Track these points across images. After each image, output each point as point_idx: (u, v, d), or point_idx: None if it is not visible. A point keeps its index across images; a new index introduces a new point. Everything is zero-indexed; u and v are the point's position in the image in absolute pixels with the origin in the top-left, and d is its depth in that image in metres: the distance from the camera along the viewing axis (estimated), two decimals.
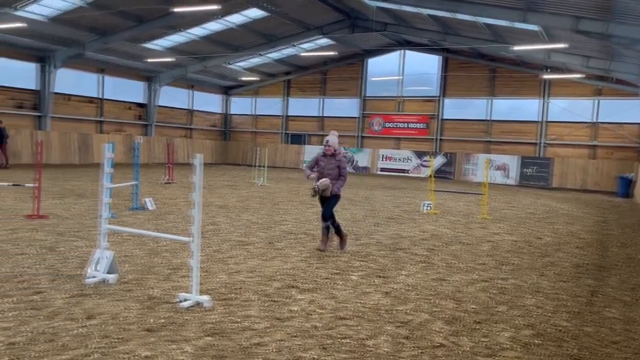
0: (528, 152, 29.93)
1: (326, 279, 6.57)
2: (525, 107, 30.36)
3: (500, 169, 29.46)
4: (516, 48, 22.50)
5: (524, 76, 29.60)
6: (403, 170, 32.24)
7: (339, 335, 4.62)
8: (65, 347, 4.06)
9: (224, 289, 5.88)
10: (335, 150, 8.23)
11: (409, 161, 32.32)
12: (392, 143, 33.88)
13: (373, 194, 18.79)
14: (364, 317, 5.14)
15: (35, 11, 21.47)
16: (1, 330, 4.32)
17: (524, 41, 22.16)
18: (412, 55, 32.68)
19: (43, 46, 24.98)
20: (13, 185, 12.11)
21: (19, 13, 21.04)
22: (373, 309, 5.41)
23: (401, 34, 28.66)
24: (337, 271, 6.98)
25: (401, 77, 33.26)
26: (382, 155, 33.25)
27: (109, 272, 5.97)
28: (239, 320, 4.89)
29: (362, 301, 5.67)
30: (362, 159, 33.77)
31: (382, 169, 32.97)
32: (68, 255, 7.08)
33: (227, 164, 35.81)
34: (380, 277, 6.79)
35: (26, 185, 11.59)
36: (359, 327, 4.85)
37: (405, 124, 33.41)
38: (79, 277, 6.01)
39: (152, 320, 4.75)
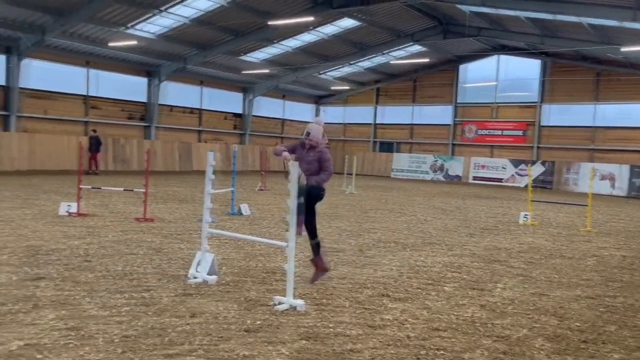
0: (639, 161, 27.62)
1: (418, 289, 6.48)
2: (635, 113, 28.12)
3: (606, 178, 27.45)
4: (625, 49, 20.93)
5: (634, 79, 27.44)
6: (498, 179, 31.02)
7: (433, 347, 4.54)
8: (172, 342, 4.34)
9: (316, 294, 5.98)
10: (317, 144, 6.65)
11: (504, 170, 31.05)
12: (486, 151, 32.76)
13: (465, 204, 18.25)
14: (459, 330, 5.01)
15: (145, 29, 23.23)
16: (116, 324, 4.69)
17: (634, 42, 20.56)
18: (508, 60, 31.47)
19: (151, 61, 26.95)
20: (124, 190, 13.12)
21: (131, 32, 22.88)
22: (468, 322, 5.26)
23: (496, 39, 27.70)
24: (430, 281, 6.86)
25: (496, 83, 32.12)
26: (476, 163, 32.22)
27: (209, 274, 6.29)
28: (332, 325, 4.95)
29: (456, 313, 5.53)
30: (454, 167, 32.94)
31: (475, 178, 31.95)
32: (172, 257, 7.55)
33: None
34: (475, 289, 6.58)
35: (135, 190, 12.52)
36: (453, 340, 4.74)
37: (500, 131, 32.18)
38: (182, 277, 6.39)
39: (249, 322, 4.94)
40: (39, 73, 23.89)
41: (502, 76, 31.94)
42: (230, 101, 33.42)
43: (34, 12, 20.28)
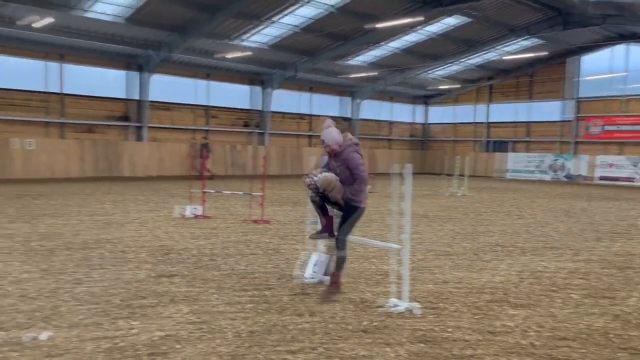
0: None
1: (541, 295, 6.15)
2: None
3: None
4: None
5: None
6: (628, 179, 28.38)
7: (561, 357, 4.30)
8: (294, 339, 4.54)
9: (432, 298, 5.92)
10: (339, 147, 5.88)
11: (636, 168, 28.32)
12: (613, 148, 30.12)
13: (591, 205, 16.93)
14: (590, 340, 4.69)
15: (257, 40, 24.39)
16: (242, 320, 5.01)
17: None
18: (638, 49, 28.66)
19: (263, 70, 28.22)
20: (243, 193, 13.89)
21: (245, 43, 24.18)
22: (600, 332, 4.90)
23: (624, 26, 25.38)
24: (554, 288, 6.49)
25: (625, 74, 29.41)
26: (602, 162, 29.74)
27: (325, 274, 6.47)
28: (449, 330, 4.88)
29: (585, 322, 5.18)
30: (577, 166, 30.66)
31: (602, 178, 29.48)
32: (289, 257, 7.87)
33: (426, 173, 35.74)
34: (606, 297, 6.11)
35: (252, 193, 13.18)
36: (584, 350, 4.45)
37: (631, 126, 29.39)
38: (300, 277, 6.64)
39: (366, 322, 5.02)
40: (165, 87, 26.03)
41: (631, 66, 29.17)
42: (337, 105, 33.99)
43: (161, 31, 22.17)
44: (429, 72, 32.28)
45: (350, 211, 5.84)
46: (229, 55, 24.62)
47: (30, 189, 17.38)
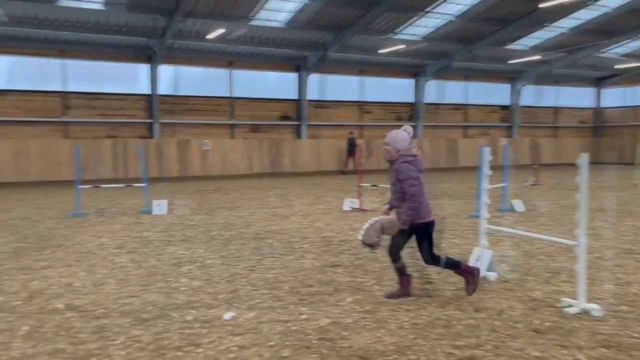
0: None
1: None
2: None
3: None
4: None
5: None
6: None
7: None
8: (459, 335, 4.46)
9: (613, 300, 5.37)
10: (396, 152, 5.34)
11: None
12: None
13: None
14: None
15: (412, 32, 24.18)
16: (405, 312, 5.05)
17: None
18: None
19: (417, 62, 27.89)
20: (372, 186, 13.95)
21: (398, 36, 24.14)
22: None
23: None
24: None
25: None
26: None
27: (488, 271, 6.23)
28: (636, 336, 4.39)
29: None
30: None
31: None
32: (449, 251, 7.69)
33: (599, 163, 32.25)
34: None
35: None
36: None
37: None
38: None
39: (537, 322, 4.73)
40: (321, 85, 27.13)
41: None
42: (496, 93, 32.26)
43: (318, 32, 23.14)
44: (604, 50, 29.02)
45: (421, 234, 5.45)
46: (383, 50, 24.76)
47: (207, 185, 19.41)
